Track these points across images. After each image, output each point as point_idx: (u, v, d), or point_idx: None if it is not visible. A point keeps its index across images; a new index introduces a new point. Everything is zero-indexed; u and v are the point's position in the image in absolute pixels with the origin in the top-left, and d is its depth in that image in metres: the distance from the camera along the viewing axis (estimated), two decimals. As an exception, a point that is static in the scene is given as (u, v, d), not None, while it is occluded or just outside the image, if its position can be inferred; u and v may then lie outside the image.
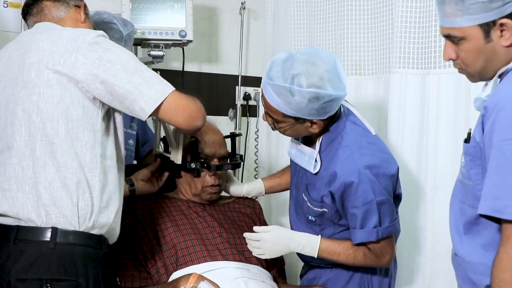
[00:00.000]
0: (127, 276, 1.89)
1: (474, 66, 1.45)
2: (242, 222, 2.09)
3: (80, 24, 1.66)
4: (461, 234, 1.48)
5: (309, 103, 1.69)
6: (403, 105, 2.19)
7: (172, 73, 2.85)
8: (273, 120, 1.81)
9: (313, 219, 1.90)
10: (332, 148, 1.80)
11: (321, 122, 1.77)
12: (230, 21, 3.10)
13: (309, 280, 2.06)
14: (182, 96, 1.56)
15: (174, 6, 2.53)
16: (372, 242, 1.79)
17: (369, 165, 1.73)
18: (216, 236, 1.97)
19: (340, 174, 1.74)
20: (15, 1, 2.39)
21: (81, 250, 1.49)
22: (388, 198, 1.77)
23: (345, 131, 1.80)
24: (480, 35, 1.40)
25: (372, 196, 1.72)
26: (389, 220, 1.78)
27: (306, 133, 1.83)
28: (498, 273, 1.32)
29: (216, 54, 3.12)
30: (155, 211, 1.99)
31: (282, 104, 1.72)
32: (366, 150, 1.77)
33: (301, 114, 1.73)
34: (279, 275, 2.11)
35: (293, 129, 1.80)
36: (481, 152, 1.39)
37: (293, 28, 2.69)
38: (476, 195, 1.40)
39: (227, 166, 2.05)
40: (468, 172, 1.44)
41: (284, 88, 1.70)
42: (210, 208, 2.07)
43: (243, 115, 3.12)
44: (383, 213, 1.75)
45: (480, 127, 1.39)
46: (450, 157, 2.07)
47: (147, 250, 1.92)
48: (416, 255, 2.18)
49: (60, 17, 1.65)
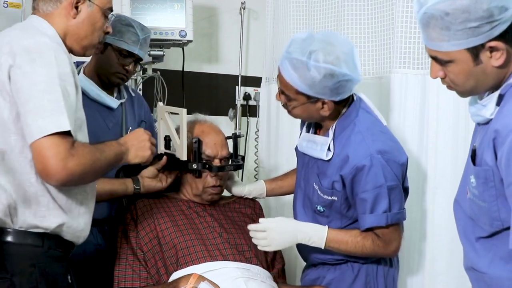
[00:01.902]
0: (127, 276, 1.89)
1: (464, 86, 1.41)
2: (242, 222, 2.09)
3: (70, 20, 1.60)
4: (474, 246, 1.45)
5: (323, 79, 1.71)
6: (404, 105, 2.19)
7: (172, 73, 2.85)
8: (286, 97, 1.81)
9: (322, 210, 1.88)
10: (345, 135, 1.81)
11: (332, 104, 1.78)
12: (230, 21, 3.11)
13: (311, 280, 2.03)
14: (57, 143, 1.41)
15: (174, 6, 2.53)
16: (381, 227, 1.78)
17: (381, 150, 1.75)
18: (216, 236, 1.97)
19: (352, 157, 1.76)
20: (15, 1, 2.38)
21: (15, 249, 1.48)
22: (398, 184, 1.77)
23: (357, 119, 1.81)
24: (468, 58, 1.35)
25: (383, 180, 1.73)
26: (399, 207, 1.78)
27: (316, 115, 1.82)
28: None
29: (216, 54, 3.12)
30: (156, 211, 1.99)
31: (297, 79, 1.74)
32: (378, 136, 1.79)
33: (314, 91, 1.74)
34: (279, 275, 2.10)
35: (304, 109, 1.80)
36: (494, 175, 1.35)
37: (293, 28, 2.69)
38: (492, 216, 1.37)
39: (228, 167, 2.05)
40: (481, 194, 1.40)
41: (301, 62, 1.72)
42: (211, 208, 2.07)
43: (243, 115, 3.12)
44: (393, 198, 1.76)
45: (492, 151, 1.34)
46: (450, 157, 2.07)
47: (147, 250, 1.92)
48: (415, 254, 2.18)
49: (47, 12, 1.59)
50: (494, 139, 1.33)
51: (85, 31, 1.62)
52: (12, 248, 1.47)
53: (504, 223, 1.36)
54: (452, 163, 2.05)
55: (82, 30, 1.62)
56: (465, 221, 1.50)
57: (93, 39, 1.65)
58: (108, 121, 2.21)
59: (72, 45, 1.63)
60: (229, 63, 3.13)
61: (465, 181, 1.50)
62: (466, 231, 1.49)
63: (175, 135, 1.92)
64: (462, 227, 1.51)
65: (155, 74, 2.75)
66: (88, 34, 1.63)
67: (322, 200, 1.87)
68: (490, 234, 1.42)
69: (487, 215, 1.40)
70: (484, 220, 1.42)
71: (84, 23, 1.62)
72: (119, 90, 2.31)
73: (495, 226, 1.39)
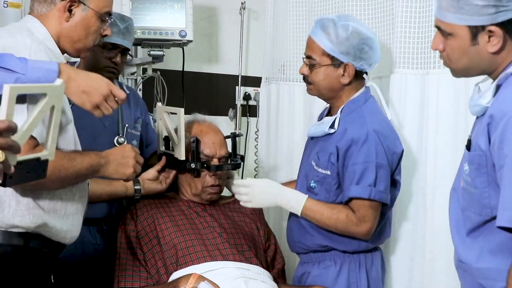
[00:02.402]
0: (127, 276, 1.89)
1: (457, 64, 1.46)
2: (242, 222, 2.09)
3: (64, 23, 1.58)
4: (464, 240, 1.47)
5: (350, 36, 1.87)
6: (403, 105, 2.19)
7: (172, 73, 2.85)
8: (310, 64, 1.92)
9: (313, 186, 1.95)
10: (350, 117, 1.91)
11: (353, 70, 1.89)
12: (230, 21, 3.10)
13: (298, 277, 2.09)
14: None
15: (174, 6, 2.53)
16: (361, 201, 1.84)
17: (378, 131, 1.86)
18: (216, 236, 1.97)
19: (350, 130, 1.87)
20: (15, 1, 2.38)
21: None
22: (387, 165, 1.86)
23: (364, 106, 1.93)
24: (467, 36, 1.40)
25: (374, 156, 1.83)
26: (384, 187, 1.85)
27: (335, 84, 1.92)
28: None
29: (216, 54, 3.12)
30: (156, 211, 1.99)
31: (324, 37, 1.88)
32: (379, 121, 1.91)
33: (339, 51, 1.87)
34: (279, 275, 2.11)
35: (326, 74, 1.91)
36: (487, 160, 1.38)
37: (293, 28, 2.69)
38: (483, 203, 1.39)
39: (227, 166, 2.05)
40: (473, 180, 1.42)
41: (331, 20, 1.90)
42: (211, 208, 2.07)
43: (243, 115, 3.12)
44: (380, 176, 1.84)
45: (486, 136, 1.37)
46: (450, 157, 2.07)
47: (147, 250, 1.92)
48: (415, 254, 2.18)
49: (41, 13, 1.58)
50: (488, 124, 1.36)
51: (78, 34, 1.61)
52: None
53: (493, 211, 1.38)
54: (452, 163, 2.05)
55: (75, 33, 1.60)
56: (457, 214, 1.51)
57: (87, 43, 1.64)
58: (104, 120, 2.20)
59: (66, 47, 1.62)
60: (229, 63, 3.12)
61: (460, 171, 1.53)
62: (458, 225, 1.50)
63: (173, 135, 1.92)
64: (455, 220, 1.52)
65: (155, 74, 2.75)
66: (81, 37, 1.61)
67: (316, 175, 1.94)
68: (479, 225, 1.42)
69: (477, 202, 1.42)
70: (474, 209, 1.43)
71: (78, 26, 1.60)
72: None
73: (484, 214, 1.40)
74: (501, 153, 1.32)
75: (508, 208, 1.32)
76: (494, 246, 1.39)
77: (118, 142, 2.20)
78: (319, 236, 1.96)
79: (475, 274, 1.45)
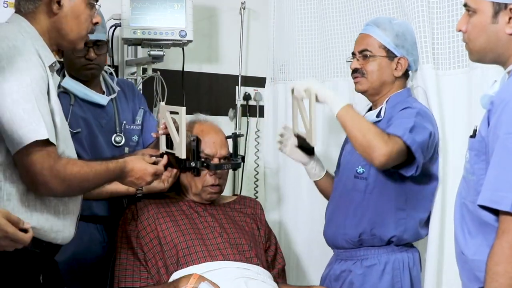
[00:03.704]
0: (127, 276, 1.89)
1: (475, 42, 1.48)
2: (243, 222, 2.09)
3: (53, 16, 1.56)
4: (465, 233, 1.48)
5: (405, 32, 2.02)
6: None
7: (172, 73, 2.85)
8: (365, 56, 2.00)
9: (362, 171, 1.99)
10: (395, 107, 1.97)
11: (406, 63, 2.01)
12: (230, 21, 3.10)
13: (336, 275, 2.08)
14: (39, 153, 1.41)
15: (174, 6, 2.52)
16: (397, 135, 1.81)
17: (426, 112, 1.94)
18: (216, 236, 1.97)
19: (397, 114, 1.92)
20: (15, 1, 2.38)
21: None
22: (427, 131, 1.87)
23: (409, 98, 2.02)
24: (489, 12, 1.43)
25: (415, 116, 1.87)
26: (419, 139, 1.83)
27: (387, 76, 2.01)
28: (492, 265, 1.33)
29: (216, 54, 3.12)
30: (156, 211, 1.99)
31: (382, 32, 2.00)
32: (425, 108, 1.99)
33: (394, 44, 1.99)
34: (279, 275, 2.11)
35: (380, 66, 2.00)
36: (486, 147, 1.40)
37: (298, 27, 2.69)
38: (478, 190, 1.40)
39: (226, 165, 2.05)
40: (472, 167, 1.45)
41: (386, 20, 2.06)
42: (211, 208, 2.07)
43: (243, 115, 3.11)
44: (417, 130, 1.84)
45: (486, 121, 1.40)
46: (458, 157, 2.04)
47: (148, 250, 1.92)
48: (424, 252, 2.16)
49: (28, 11, 1.56)
50: (489, 111, 1.39)
51: (69, 25, 1.59)
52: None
53: None
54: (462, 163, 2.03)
55: (67, 24, 1.59)
56: (459, 208, 1.52)
57: (80, 32, 1.62)
58: (101, 119, 2.19)
59: (59, 41, 1.61)
60: (229, 63, 3.12)
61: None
62: (461, 218, 1.51)
63: (175, 133, 1.93)
64: (459, 216, 1.53)
65: (155, 74, 2.75)
66: (73, 27, 1.60)
67: (363, 159, 1.87)
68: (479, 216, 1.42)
69: (473, 189, 1.43)
70: (470, 198, 1.45)
71: (68, 17, 1.58)
72: (107, 86, 2.26)
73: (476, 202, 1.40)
74: (494, 137, 1.35)
75: (490, 188, 1.34)
76: (491, 241, 1.39)
77: (115, 140, 2.19)
78: (367, 224, 1.98)
79: (472, 266, 1.46)
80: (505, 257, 1.31)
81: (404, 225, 1.98)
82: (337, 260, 2.11)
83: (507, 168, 1.32)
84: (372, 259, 2.00)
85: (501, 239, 1.33)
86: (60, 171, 1.45)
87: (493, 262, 1.33)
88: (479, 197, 1.37)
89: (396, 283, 1.98)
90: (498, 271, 1.32)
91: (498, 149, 1.34)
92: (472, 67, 1.94)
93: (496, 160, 1.34)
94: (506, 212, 1.32)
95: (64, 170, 1.46)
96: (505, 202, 1.31)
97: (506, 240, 1.32)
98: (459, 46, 2.01)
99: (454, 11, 2.03)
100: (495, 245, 1.34)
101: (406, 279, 1.99)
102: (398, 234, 1.98)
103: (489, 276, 1.33)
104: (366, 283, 1.99)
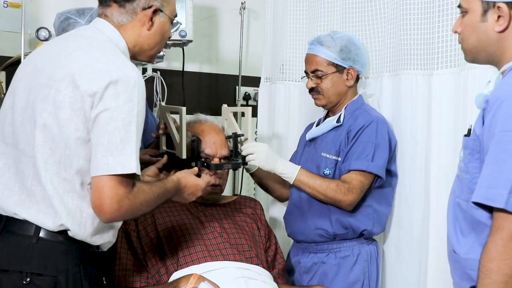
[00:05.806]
0: (127, 276, 1.89)
1: (467, 42, 1.50)
2: (243, 222, 2.09)
3: (143, 32, 1.59)
4: (457, 232, 1.49)
5: (348, 44, 2.16)
6: (403, 105, 2.20)
7: (172, 73, 2.86)
8: (317, 76, 2.16)
9: (328, 172, 2.13)
10: (354, 114, 2.16)
11: (355, 72, 2.17)
12: (230, 21, 3.11)
13: (307, 268, 2.20)
14: (118, 185, 1.42)
15: (174, 6, 2.52)
16: (354, 173, 2.05)
17: (383, 122, 2.13)
18: (217, 236, 1.97)
19: (356, 121, 2.12)
20: (15, 1, 2.38)
21: (63, 247, 1.48)
22: (386, 148, 2.09)
23: (364, 105, 2.20)
24: (479, 11, 1.44)
25: (374, 137, 2.07)
26: (381, 163, 2.07)
27: (342, 88, 2.18)
28: (485, 262, 1.34)
29: (216, 54, 3.12)
30: (156, 211, 1.99)
31: (326, 50, 2.15)
32: (380, 115, 2.18)
33: (341, 58, 2.15)
34: (279, 275, 2.11)
35: (333, 81, 2.16)
36: (480, 145, 1.40)
37: (292, 28, 2.68)
38: (472, 188, 1.40)
39: (227, 165, 2.05)
40: (466, 165, 1.45)
41: (328, 36, 2.19)
42: (211, 208, 2.07)
43: (243, 115, 3.11)
44: (378, 155, 2.07)
45: (481, 120, 1.40)
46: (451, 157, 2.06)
47: (148, 250, 1.92)
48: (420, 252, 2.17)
49: (121, 23, 1.58)
50: (483, 110, 1.40)
51: (155, 41, 1.63)
52: (58, 247, 1.48)
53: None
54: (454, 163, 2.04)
55: (153, 40, 1.63)
56: (453, 206, 1.53)
57: (160, 48, 1.68)
58: None
59: (139, 54, 1.64)
60: (229, 63, 3.13)
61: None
62: (454, 217, 1.51)
63: (175, 133, 1.93)
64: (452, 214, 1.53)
65: (155, 74, 2.75)
66: (157, 43, 1.64)
67: (330, 162, 2.13)
68: (472, 215, 1.42)
69: (466, 187, 1.44)
70: (464, 196, 1.45)
71: (156, 33, 1.62)
72: None
73: (470, 201, 1.40)
74: (489, 135, 1.36)
75: (485, 185, 1.35)
76: (484, 240, 1.40)
77: None
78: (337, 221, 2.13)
79: (463, 264, 1.46)
80: (498, 254, 1.32)
81: (373, 219, 2.15)
82: (305, 253, 2.22)
83: (502, 165, 1.32)
84: (346, 251, 2.15)
85: (495, 236, 1.33)
86: (131, 202, 1.46)
87: (487, 259, 1.34)
88: (473, 194, 1.37)
89: (365, 273, 2.14)
90: (491, 268, 1.32)
91: (493, 146, 1.34)
92: (463, 68, 1.96)
93: (491, 158, 1.35)
94: (500, 209, 1.32)
95: (134, 199, 1.47)
96: (500, 199, 1.31)
97: (500, 237, 1.32)
98: (446, 47, 2.04)
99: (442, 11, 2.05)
100: (488, 242, 1.34)
101: (373, 270, 2.16)
102: (369, 228, 2.14)
103: (482, 272, 1.34)
104: (339, 273, 2.13)
